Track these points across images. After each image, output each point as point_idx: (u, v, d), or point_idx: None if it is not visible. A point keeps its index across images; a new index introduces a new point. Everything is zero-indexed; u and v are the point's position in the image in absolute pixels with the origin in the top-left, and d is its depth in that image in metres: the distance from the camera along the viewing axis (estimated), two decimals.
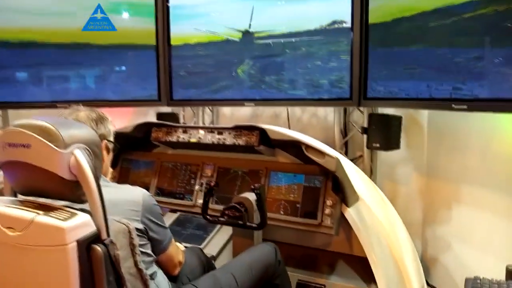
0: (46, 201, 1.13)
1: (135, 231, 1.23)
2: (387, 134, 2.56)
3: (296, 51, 2.75)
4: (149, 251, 1.38)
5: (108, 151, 1.52)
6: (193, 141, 2.15)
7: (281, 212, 1.97)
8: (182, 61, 3.07)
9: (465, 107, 1.97)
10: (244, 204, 1.83)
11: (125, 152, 2.43)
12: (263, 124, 2.01)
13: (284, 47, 2.78)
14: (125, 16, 3.05)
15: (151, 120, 2.91)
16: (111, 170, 2.37)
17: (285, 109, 3.15)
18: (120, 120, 2.65)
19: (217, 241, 2.33)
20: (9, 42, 2.94)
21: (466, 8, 1.96)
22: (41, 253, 1.04)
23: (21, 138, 1.05)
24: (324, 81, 2.69)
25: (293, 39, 2.74)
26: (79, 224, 1.03)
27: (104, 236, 1.07)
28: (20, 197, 1.19)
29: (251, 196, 1.83)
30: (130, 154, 2.43)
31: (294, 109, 3.16)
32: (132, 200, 1.34)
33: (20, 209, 1.08)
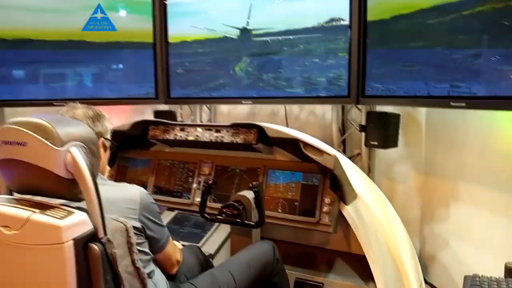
0: (42, 199, 1.12)
1: (133, 229, 1.22)
2: (385, 132, 2.56)
3: (293, 49, 2.75)
4: (147, 249, 1.37)
5: (105, 149, 1.51)
6: (190, 139, 2.14)
7: (279, 210, 1.97)
8: (179, 59, 3.05)
9: (463, 104, 1.97)
10: (242, 202, 1.83)
11: (123, 150, 2.42)
12: (260, 122, 2.00)
13: (281, 44, 2.77)
14: (122, 14, 3.03)
15: (149, 118, 2.90)
16: (108, 168, 2.37)
17: (283, 107, 3.14)
18: (117, 118, 2.64)
19: (215, 239, 2.32)
20: (6, 39, 2.92)
21: (464, 5, 1.96)
22: (38, 252, 1.03)
23: (17, 135, 1.04)
24: (322, 79, 2.68)
25: (291, 37, 2.73)
26: (76, 222, 1.03)
27: (101, 234, 1.06)
28: (16, 196, 1.18)
29: (249, 194, 1.83)
30: (127, 152, 2.43)
31: (292, 107, 3.15)
32: (129, 198, 1.33)
33: (16, 207, 1.07)
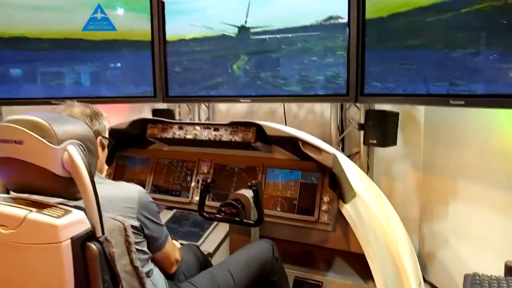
0: (39, 198, 1.11)
1: (131, 228, 1.21)
2: (384, 130, 2.56)
3: (292, 47, 2.74)
4: (145, 248, 1.36)
5: (103, 148, 1.50)
6: (189, 137, 2.13)
7: (278, 208, 1.96)
8: (177, 57, 3.04)
9: (462, 102, 1.97)
10: (241, 200, 1.82)
11: (121, 149, 2.41)
12: (259, 120, 2.00)
13: (280, 42, 2.76)
14: (120, 12, 3.02)
15: (147, 116, 2.89)
16: (106, 167, 2.36)
17: (281, 105, 3.14)
18: (115, 116, 2.63)
19: (213, 238, 2.32)
20: (3, 38, 2.91)
21: (462, 3, 1.96)
22: (35, 251, 1.02)
23: (13, 134, 1.03)
24: (320, 77, 2.68)
25: (289, 35, 2.72)
26: (73, 221, 1.01)
27: (99, 233, 1.05)
28: (13, 194, 1.17)
29: (248, 192, 1.82)
30: (125, 151, 2.41)
31: (290, 105, 3.15)
32: (127, 197, 1.32)
33: (12, 206, 1.06)
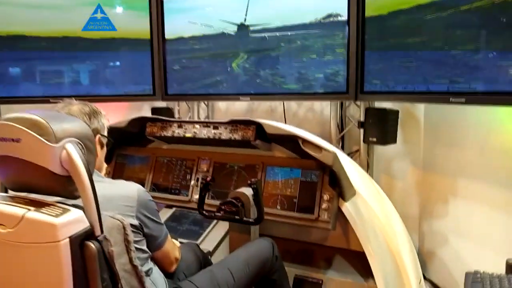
0: (37, 197, 1.11)
1: (130, 227, 1.21)
2: (383, 128, 2.55)
3: (291, 45, 2.73)
4: (144, 247, 1.36)
5: (101, 146, 1.49)
6: (188, 135, 2.12)
7: (278, 207, 1.96)
8: (176, 55, 3.03)
9: (463, 100, 1.96)
10: (240, 199, 1.81)
11: (120, 147, 2.40)
12: (258, 118, 1.99)
13: (279, 40, 2.75)
14: (119, 10, 3.00)
15: (146, 115, 2.88)
16: (105, 165, 2.35)
17: (281, 103, 3.13)
18: (114, 115, 2.62)
19: (213, 236, 2.31)
20: (2, 36, 2.90)
21: (462, 0, 1.95)
22: (33, 250, 1.01)
23: (11, 132, 1.02)
24: (320, 75, 2.67)
25: (288, 33, 2.72)
26: (72, 220, 1.01)
27: (97, 232, 1.04)
28: (11, 193, 1.17)
29: (247, 191, 1.82)
30: (124, 149, 2.41)
31: (290, 103, 3.14)
32: (126, 195, 1.31)
33: (11, 205, 1.05)
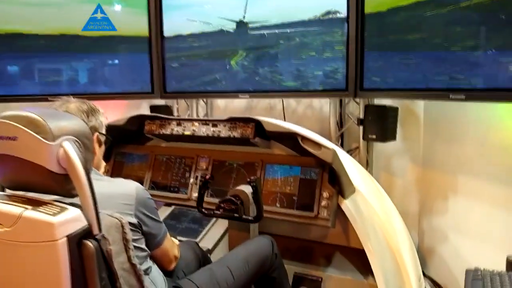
0: (34, 195, 1.10)
1: (128, 225, 1.20)
2: (383, 125, 2.55)
3: (290, 42, 2.71)
4: (143, 245, 1.35)
5: (100, 144, 1.49)
6: (187, 133, 2.12)
7: (277, 204, 1.95)
8: (175, 53, 3.02)
9: (462, 97, 1.96)
10: (240, 197, 1.81)
11: (118, 145, 2.40)
12: (258, 116, 1.98)
13: (278, 38, 2.74)
14: (117, 8, 2.99)
15: (144, 112, 2.87)
16: (104, 163, 2.34)
17: (280, 100, 3.12)
18: (113, 113, 2.60)
19: (212, 234, 2.31)
20: (0, 34, 2.88)
21: None
22: (31, 249, 1.00)
23: (7, 130, 1.02)
24: (319, 72, 2.66)
25: (287, 30, 2.70)
26: (69, 219, 1.00)
27: (95, 231, 1.03)
28: (8, 192, 1.16)
29: (247, 188, 1.81)
30: (123, 147, 2.40)
31: (289, 100, 3.13)
32: (125, 193, 1.31)
33: (8, 204, 1.04)
